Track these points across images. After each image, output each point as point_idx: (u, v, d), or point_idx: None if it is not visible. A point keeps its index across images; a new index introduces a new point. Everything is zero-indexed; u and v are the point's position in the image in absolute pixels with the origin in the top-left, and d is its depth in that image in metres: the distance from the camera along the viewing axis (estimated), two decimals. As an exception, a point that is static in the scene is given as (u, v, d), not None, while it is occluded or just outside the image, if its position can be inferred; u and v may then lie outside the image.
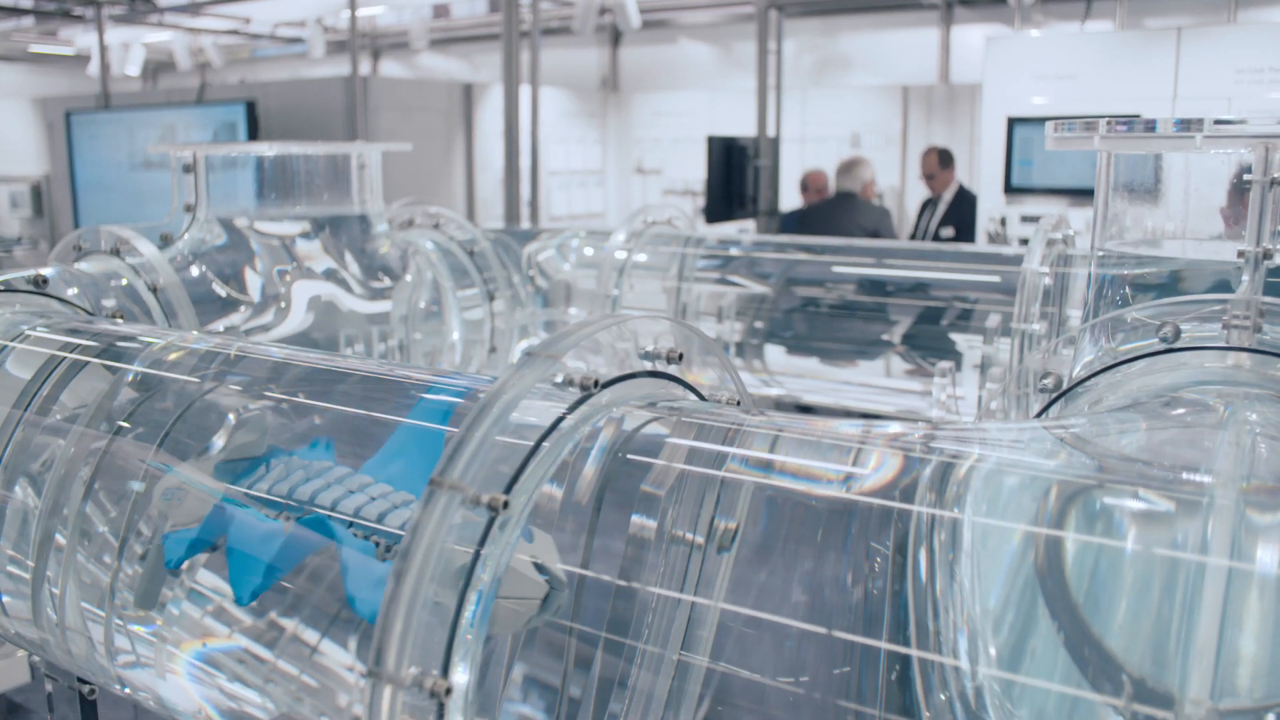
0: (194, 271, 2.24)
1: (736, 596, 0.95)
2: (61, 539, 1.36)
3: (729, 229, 6.57)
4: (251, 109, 7.85)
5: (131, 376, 1.50)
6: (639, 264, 2.90)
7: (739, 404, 1.02)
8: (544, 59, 7.42)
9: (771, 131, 6.57)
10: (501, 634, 0.90)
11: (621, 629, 0.93)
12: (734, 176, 6.31)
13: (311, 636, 1.14)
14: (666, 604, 0.92)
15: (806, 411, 3.09)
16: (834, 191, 5.92)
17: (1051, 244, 2.24)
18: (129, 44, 9.90)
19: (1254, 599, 0.82)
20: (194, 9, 8.95)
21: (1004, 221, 5.63)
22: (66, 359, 1.50)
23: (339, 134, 7.07)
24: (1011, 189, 5.69)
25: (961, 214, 5.89)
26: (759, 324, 2.97)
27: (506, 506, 0.75)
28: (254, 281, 2.33)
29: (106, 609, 1.33)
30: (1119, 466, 0.89)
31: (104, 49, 8.75)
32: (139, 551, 1.31)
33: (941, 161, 6.00)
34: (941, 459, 0.89)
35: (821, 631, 0.94)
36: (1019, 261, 2.21)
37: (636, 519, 0.96)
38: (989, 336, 2.46)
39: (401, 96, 7.72)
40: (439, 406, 1.15)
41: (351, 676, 1.06)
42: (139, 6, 8.58)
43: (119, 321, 1.75)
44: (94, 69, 8.95)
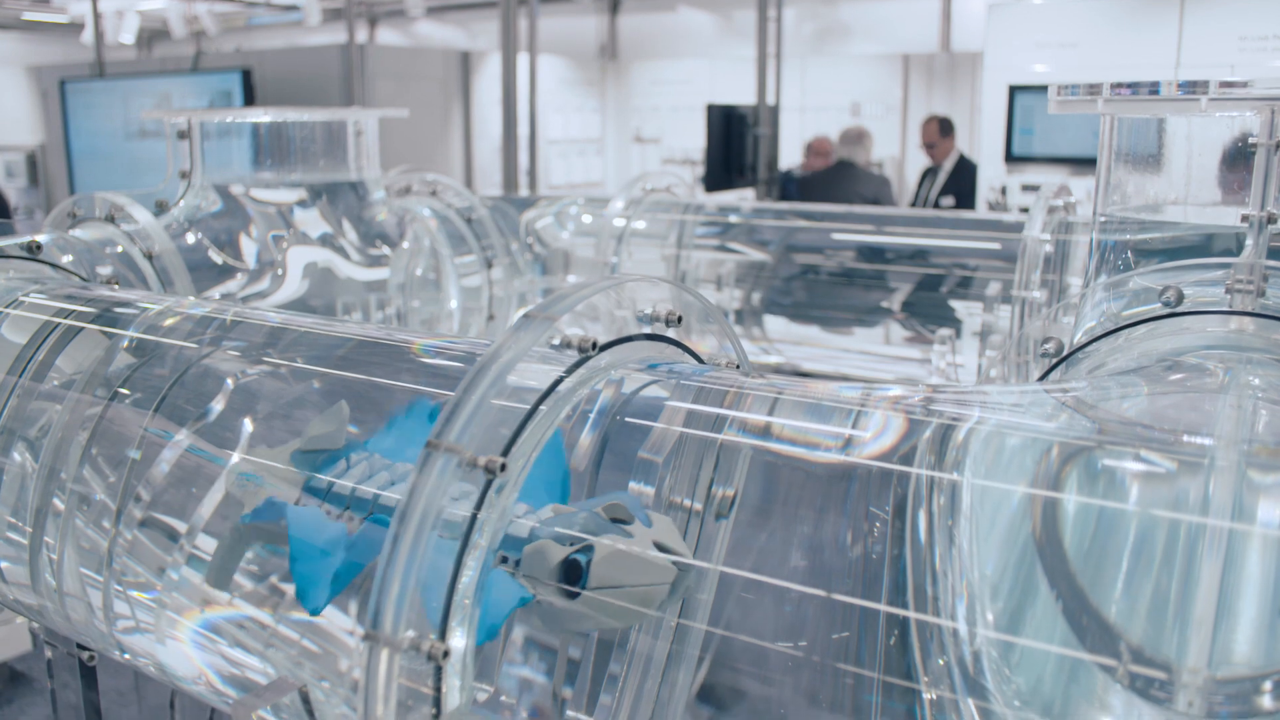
0: (190, 239, 2.23)
1: (735, 560, 0.95)
2: (59, 504, 1.36)
3: (728, 198, 6.54)
4: (247, 77, 7.80)
5: (128, 341, 1.49)
6: (638, 231, 2.89)
7: (738, 368, 1.01)
8: (542, 27, 7.37)
9: (771, 100, 6.53)
10: (633, 625, 0.86)
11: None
12: (733, 145, 6.28)
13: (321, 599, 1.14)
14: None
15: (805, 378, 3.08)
16: (835, 160, 5.89)
17: (1053, 211, 2.23)
18: (123, 11, 9.81)
19: (1254, 563, 0.81)
20: (188, -25, 8.88)
21: (1004, 190, 5.61)
22: (61, 324, 1.49)
23: (335, 102, 7.03)
24: (1012, 158, 5.66)
25: (962, 183, 5.86)
26: (758, 291, 2.96)
27: (504, 469, 0.75)
28: (250, 249, 2.32)
29: (105, 574, 1.32)
30: (1119, 429, 0.88)
31: (98, 16, 8.67)
32: (138, 516, 1.31)
33: (942, 130, 5.96)
34: (941, 421, 0.88)
35: (820, 595, 0.93)
36: (1019, 229, 2.19)
37: (634, 485, 0.95)
38: (989, 304, 2.46)
39: (398, 64, 7.67)
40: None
41: (353, 641, 1.06)
42: (133, -27, 8.50)
43: (115, 288, 1.74)
44: (88, 37, 8.87)
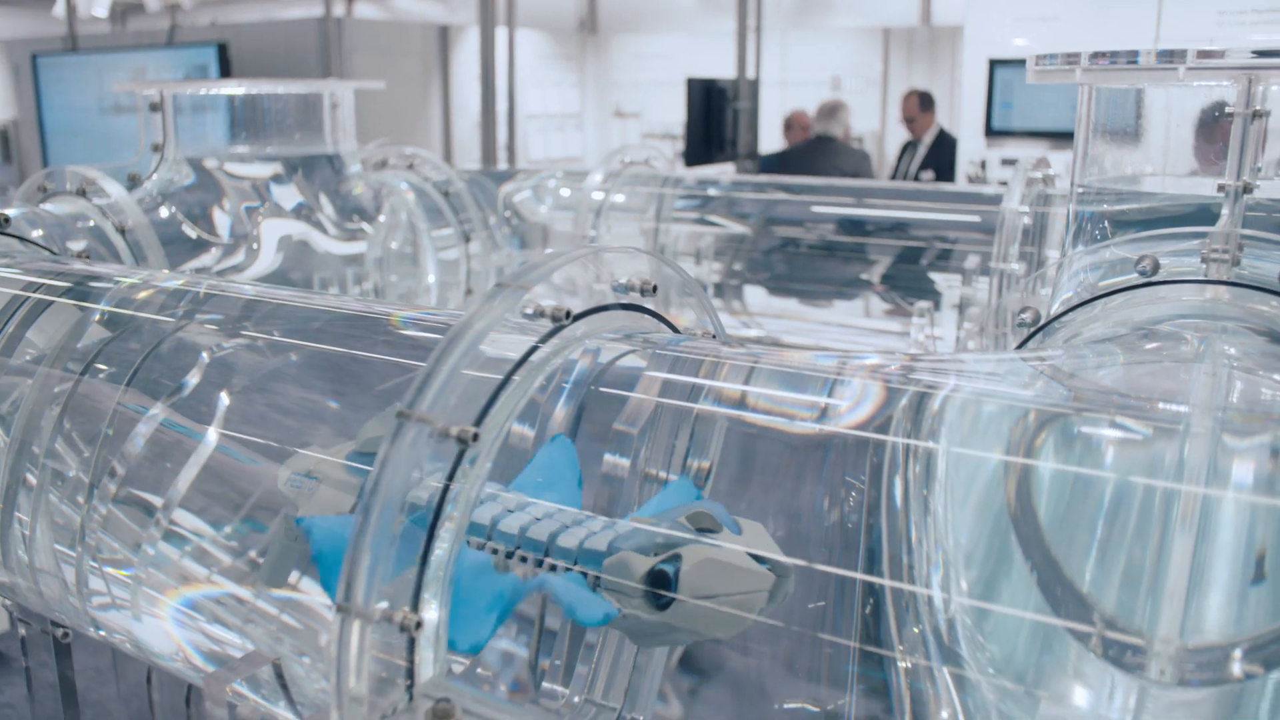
0: (163, 213, 2.20)
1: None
2: (32, 479, 1.34)
3: (709, 172, 6.53)
4: (223, 51, 7.70)
5: (100, 314, 1.47)
6: (616, 205, 2.87)
7: (714, 339, 1.00)
8: (521, 1, 7.30)
9: (751, 74, 6.50)
10: (729, 636, 0.82)
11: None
12: (713, 119, 6.26)
13: (293, 576, 1.13)
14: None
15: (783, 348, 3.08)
16: (814, 134, 5.88)
17: (1031, 183, 2.23)
18: (96, -16, 9.67)
19: (1227, 530, 0.82)
20: (161, -53, 8.75)
21: (984, 164, 5.61)
22: (31, 298, 1.47)
23: (313, 77, 6.95)
24: (992, 132, 5.66)
25: (941, 157, 5.86)
26: (738, 265, 2.95)
27: (476, 439, 0.74)
28: (225, 223, 2.30)
29: (79, 550, 1.31)
30: (1094, 397, 0.88)
31: (70, -11, 8.54)
32: (112, 491, 1.30)
33: (922, 104, 5.96)
34: (917, 390, 0.88)
35: (796, 564, 0.93)
36: (999, 201, 2.19)
37: (610, 456, 0.95)
38: (968, 276, 2.46)
39: (376, 38, 7.58)
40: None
41: (331, 615, 1.05)
42: (104, -55, 8.37)
43: (87, 261, 1.72)
44: (59, 10, 8.74)
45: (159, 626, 1.27)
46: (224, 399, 1.31)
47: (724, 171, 6.55)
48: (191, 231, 2.23)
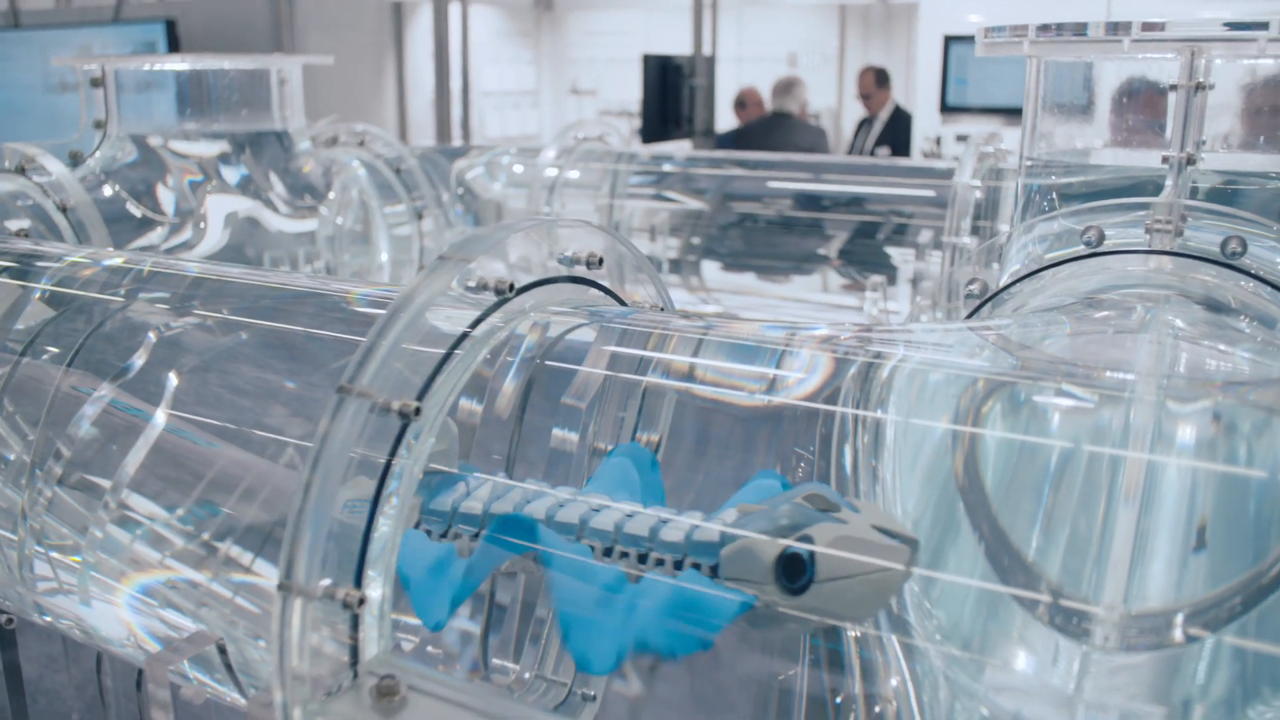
0: (106, 191, 2.15)
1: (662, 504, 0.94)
2: (-30, 463, 1.32)
3: (666, 149, 6.51)
4: (171, 27, 7.54)
5: (41, 293, 1.44)
6: (570, 181, 2.85)
7: (663, 311, 1.00)
8: (475, -25, 7.22)
9: (708, 50, 6.48)
10: (866, 617, 0.77)
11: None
12: (669, 96, 6.23)
13: (246, 559, 1.12)
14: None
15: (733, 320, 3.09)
16: (770, 111, 5.88)
17: (983, 158, 2.24)
18: (37, -42, 9.43)
19: (1170, 497, 0.83)
20: (105, -80, 8.54)
21: (939, 141, 5.65)
22: (-33, 278, 1.44)
23: (263, 54, 6.83)
24: (947, 108, 5.70)
25: (897, 133, 5.89)
26: (695, 240, 2.95)
27: (419, 414, 0.73)
28: (171, 201, 2.25)
29: (21, 533, 1.29)
30: (1039, 365, 0.89)
31: (10, -37, 8.33)
32: (57, 473, 1.27)
33: (878, 81, 5.97)
34: (865, 359, 0.88)
35: (744, 532, 0.93)
36: (952, 176, 2.20)
37: (559, 431, 0.94)
38: (921, 251, 2.47)
39: (329, 14, 7.46)
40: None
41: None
42: (46, -83, 8.16)
43: (27, 239, 1.68)
44: (1, -15, 8.51)
45: (109, 611, 1.25)
46: (172, 378, 1.29)
47: (681, 149, 6.54)
48: (136, 210, 2.19)
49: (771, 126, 5.74)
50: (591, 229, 0.96)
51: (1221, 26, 1.16)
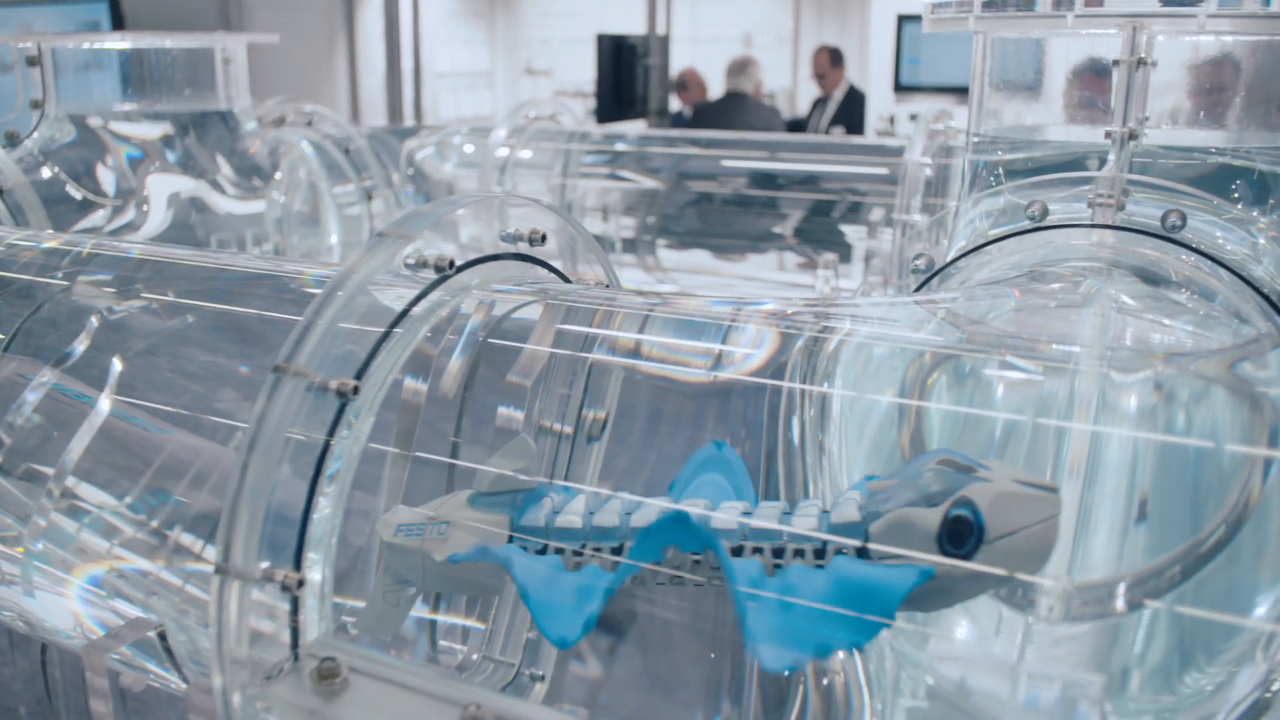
0: (45, 173, 2.10)
1: (609, 480, 0.94)
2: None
3: (622, 130, 6.49)
4: (115, 6, 7.38)
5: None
6: (522, 161, 2.83)
7: (608, 288, 0.99)
8: (426, -46, 7.13)
9: (662, 30, 6.46)
10: (1036, 571, 0.71)
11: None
12: (624, 76, 6.21)
13: (196, 546, 1.10)
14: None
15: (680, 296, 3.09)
16: (725, 91, 5.87)
17: (933, 135, 2.25)
18: (-25, -64, 9.18)
19: (1113, 468, 0.84)
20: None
21: (893, 120, 5.67)
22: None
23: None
24: (900, 87, 5.73)
25: (851, 113, 5.91)
26: (651, 220, 2.94)
27: (357, 393, 0.72)
28: (113, 182, 2.21)
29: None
30: (982, 337, 0.89)
31: (-54, -60, 8.10)
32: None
33: (832, 60, 5.99)
34: (811, 333, 0.88)
35: (694, 509, 0.93)
36: (903, 153, 2.21)
37: (504, 409, 0.93)
38: (874, 229, 2.49)
39: (277, -6, 7.34)
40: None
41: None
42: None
43: (-40, 224, 1.64)
44: (-64, -37, 8.28)
45: (55, 603, 1.23)
46: (116, 362, 1.27)
47: (636, 129, 6.52)
48: (76, 192, 2.14)
49: (726, 106, 5.74)
50: (535, 205, 0.95)
51: (1161, 3, 1.17)
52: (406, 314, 0.78)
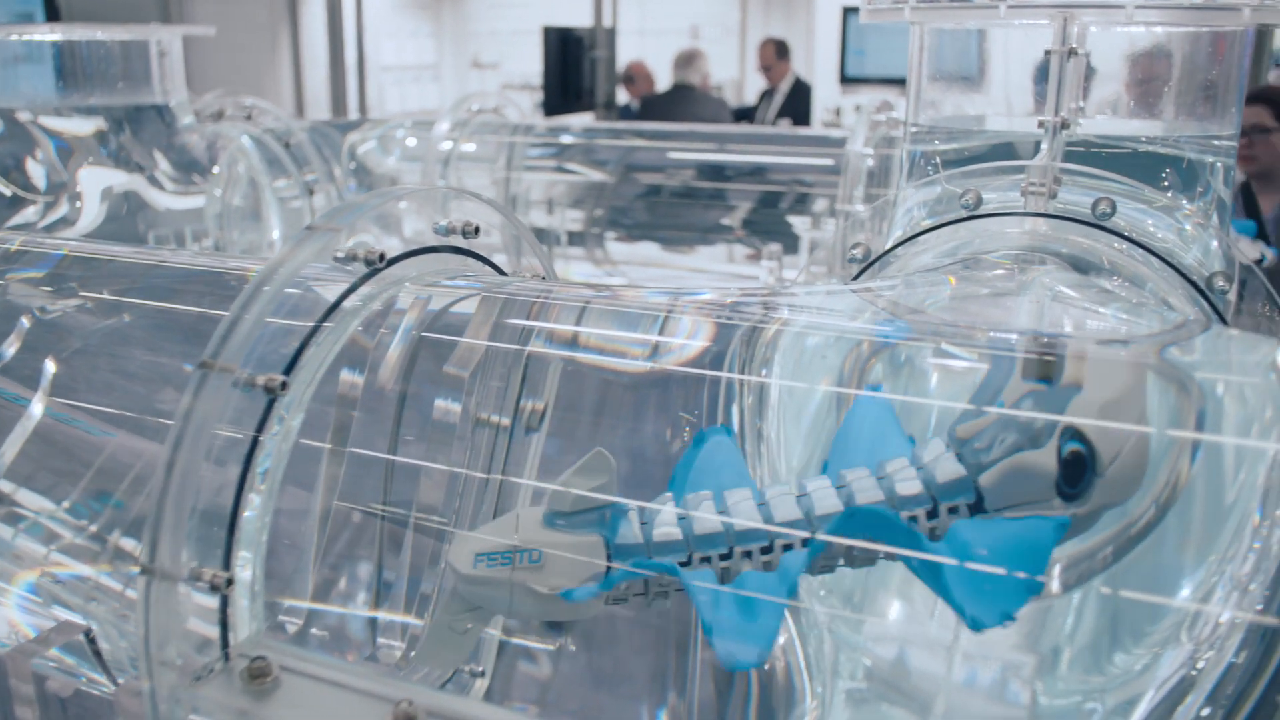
0: (-27, 169, 2.05)
1: (548, 473, 0.94)
2: None
3: (566, 122, 6.47)
4: (49, -2, 7.22)
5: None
6: (466, 154, 2.81)
7: (544, 279, 0.99)
8: (369, -55, 7.04)
9: (609, 22, 6.45)
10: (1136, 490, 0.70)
11: (430, 513, 0.91)
12: (571, 69, 6.19)
13: (135, 549, 1.08)
14: (474, 486, 0.91)
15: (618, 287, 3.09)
16: (673, 83, 5.87)
17: (875, 126, 2.27)
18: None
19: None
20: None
21: (839, 111, 5.71)
22: None
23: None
24: (846, 79, 5.76)
25: (798, 105, 5.94)
26: (599, 213, 2.93)
27: (285, 388, 0.71)
28: (44, 178, 2.16)
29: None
30: (916, 324, 0.90)
31: None
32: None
33: (778, 52, 6.01)
34: (748, 322, 0.89)
35: (634, 502, 0.93)
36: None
37: (441, 402, 0.93)
38: (817, 219, 2.50)
39: (218, -14, 7.22)
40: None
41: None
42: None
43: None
44: None
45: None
46: (49, 363, 1.24)
47: (583, 122, 6.50)
48: (5, 189, 2.09)
49: (674, 98, 5.74)
50: (470, 198, 0.94)
51: (1092, -6, 1.19)
52: (336, 308, 0.77)
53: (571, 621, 0.99)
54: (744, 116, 6.43)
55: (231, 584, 0.68)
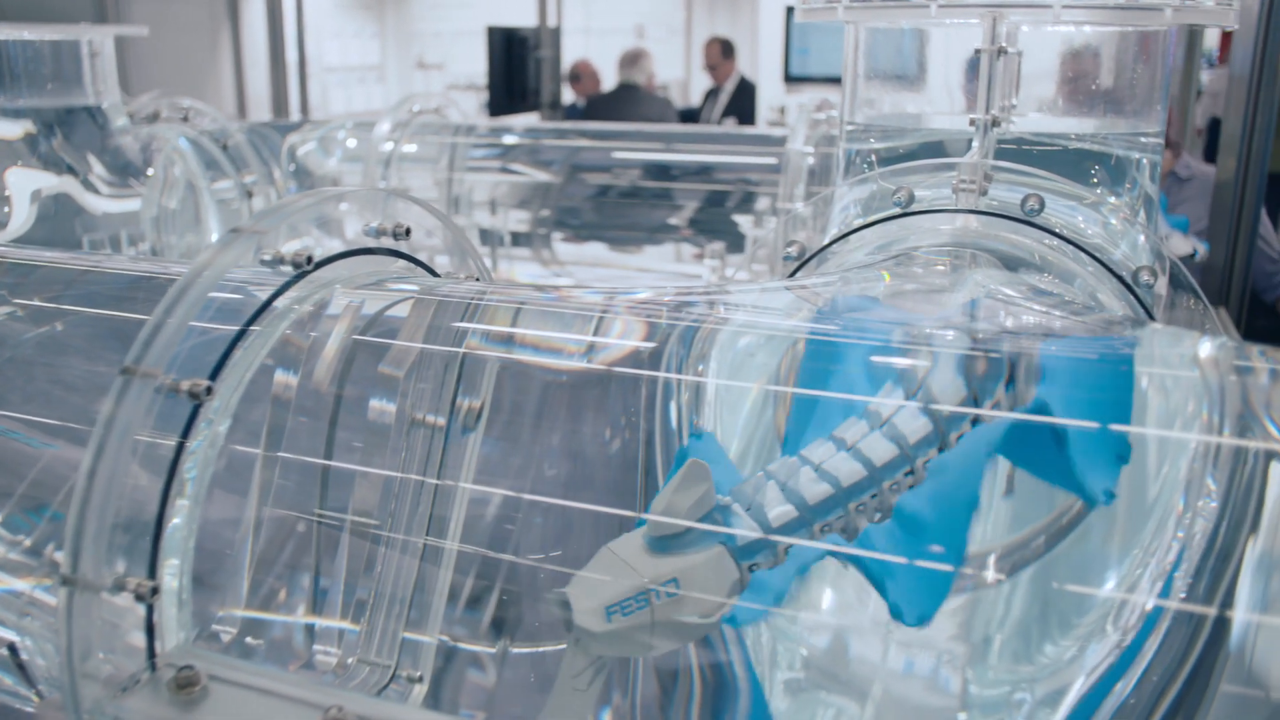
0: (-104, 173, 2.00)
1: (484, 475, 0.93)
2: None
3: (510, 122, 6.44)
4: (-21, -2, 7.05)
5: None
6: (407, 155, 2.79)
7: (478, 280, 0.98)
8: (310, -56, 6.95)
9: (553, 22, 6.43)
10: None
11: (366, 516, 0.91)
12: (515, 69, 6.16)
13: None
14: (410, 488, 0.90)
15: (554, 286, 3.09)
16: (618, 83, 5.88)
17: (815, 125, 2.28)
18: None
19: (981, 448, 0.86)
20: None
21: (783, 110, 5.74)
22: None
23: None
24: (790, 78, 5.80)
25: (743, 104, 5.97)
26: (545, 213, 2.92)
27: (210, 393, 0.70)
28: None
29: None
30: (848, 319, 0.91)
31: None
32: None
33: (723, 52, 6.04)
34: (682, 319, 0.89)
35: (572, 503, 0.93)
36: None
37: (375, 402, 0.92)
38: (760, 218, 2.51)
39: (155, -16, 7.09)
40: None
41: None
42: None
43: None
44: None
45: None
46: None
47: (529, 122, 6.47)
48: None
49: (619, 98, 5.74)
50: (404, 199, 0.93)
51: (1020, -7, 1.21)
52: (264, 311, 0.76)
53: (515, 625, 0.99)
54: (690, 118, 6.45)
55: (157, 593, 0.67)
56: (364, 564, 0.91)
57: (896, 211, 1.15)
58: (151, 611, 0.69)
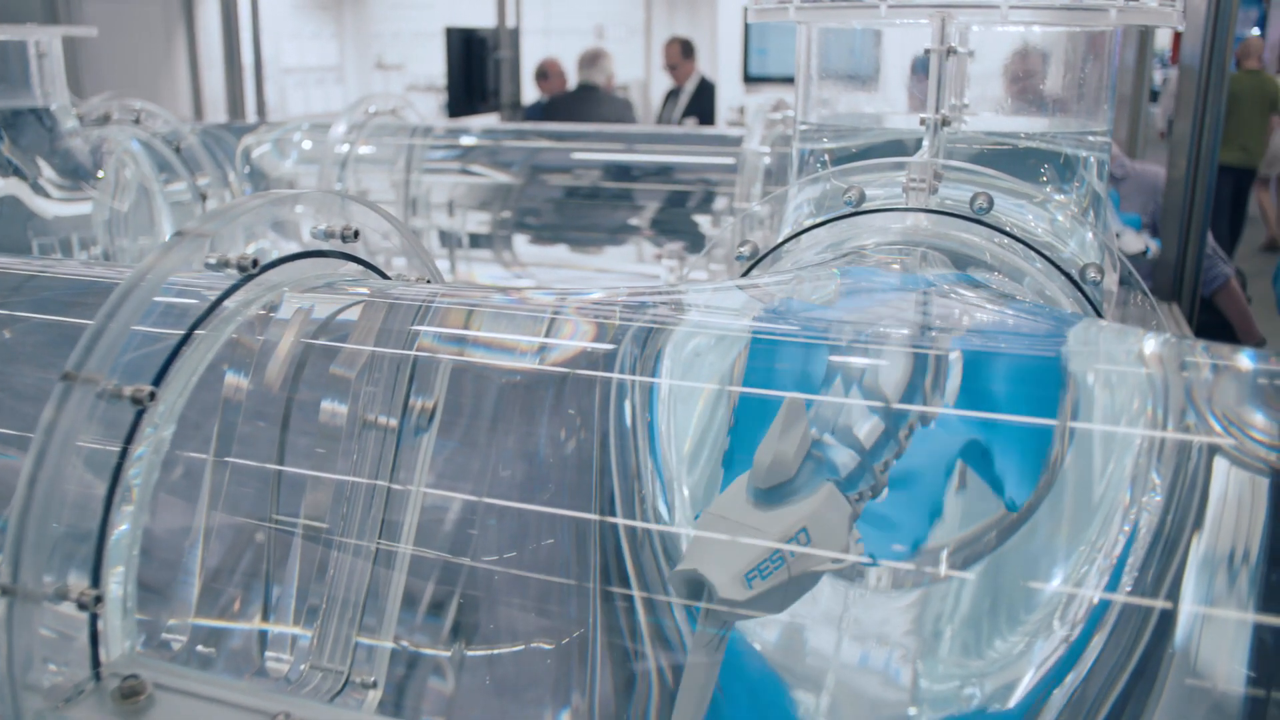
0: None
1: (438, 478, 0.93)
2: None
3: (467, 123, 6.42)
4: (-75, -2, 6.92)
5: None
6: (363, 157, 2.77)
7: (428, 282, 0.98)
8: (266, -56, 6.89)
9: (512, 22, 6.41)
10: None
11: (317, 520, 0.90)
12: (475, 69, 6.14)
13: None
14: (361, 491, 0.89)
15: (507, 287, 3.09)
16: (577, 83, 5.87)
17: (772, 125, 2.29)
18: None
19: (926, 445, 0.87)
20: None
21: (743, 110, 5.76)
22: None
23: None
24: (750, 78, 5.82)
25: (703, 104, 5.98)
26: (505, 214, 2.91)
27: (154, 398, 0.69)
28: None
29: None
30: (799, 317, 0.92)
31: None
32: None
33: (683, 52, 6.05)
34: (635, 321, 0.89)
35: (527, 505, 0.93)
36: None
37: (328, 404, 0.91)
38: (717, 218, 2.52)
39: (108, -15, 6.99)
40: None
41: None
42: None
43: None
44: None
45: None
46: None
47: (488, 123, 6.45)
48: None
49: (578, 98, 5.73)
50: (354, 203, 0.92)
51: (968, -6, 1.22)
52: (210, 315, 0.75)
53: (472, 628, 0.99)
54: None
55: (101, 601, 0.66)
56: (316, 568, 0.90)
57: (848, 211, 1.16)
58: (95, 620, 0.68)
